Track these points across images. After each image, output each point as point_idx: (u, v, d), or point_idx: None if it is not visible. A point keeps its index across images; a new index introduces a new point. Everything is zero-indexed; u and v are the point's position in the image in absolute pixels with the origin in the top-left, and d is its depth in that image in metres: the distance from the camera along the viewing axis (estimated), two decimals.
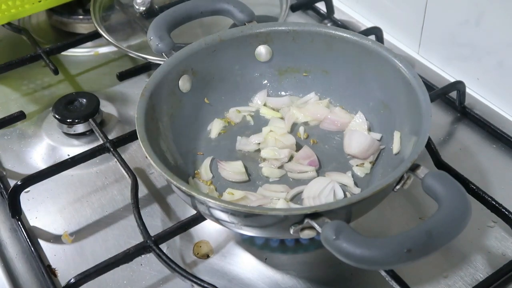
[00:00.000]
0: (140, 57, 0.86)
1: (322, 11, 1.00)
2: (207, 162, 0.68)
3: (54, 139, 0.80)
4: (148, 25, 0.73)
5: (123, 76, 0.85)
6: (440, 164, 0.70)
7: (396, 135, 0.66)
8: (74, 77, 0.92)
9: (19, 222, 0.67)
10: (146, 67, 0.86)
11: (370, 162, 0.67)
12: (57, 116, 0.79)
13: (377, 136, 0.69)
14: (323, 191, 0.63)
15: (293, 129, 0.73)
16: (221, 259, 0.64)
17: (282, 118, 0.73)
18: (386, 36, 0.91)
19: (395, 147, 0.65)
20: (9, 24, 0.95)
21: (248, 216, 0.53)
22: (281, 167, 0.67)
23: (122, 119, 0.83)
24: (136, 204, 0.65)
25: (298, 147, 0.69)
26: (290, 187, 0.65)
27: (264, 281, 0.61)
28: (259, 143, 0.70)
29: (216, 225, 0.63)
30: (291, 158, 0.68)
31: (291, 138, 0.69)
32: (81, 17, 1.00)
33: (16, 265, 0.65)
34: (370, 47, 0.68)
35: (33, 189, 0.71)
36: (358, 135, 0.68)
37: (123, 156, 0.72)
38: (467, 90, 0.80)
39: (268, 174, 0.67)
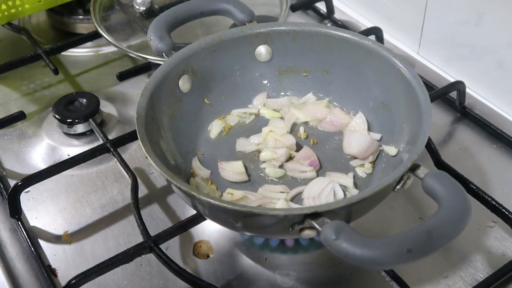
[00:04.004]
0: (140, 57, 0.86)
1: (322, 11, 1.00)
2: (195, 161, 0.68)
3: (54, 139, 0.80)
4: (148, 25, 0.73)
5: (123, 76, 0.85)
6: (440, 164, 0.70)
7: (388, 148, 0.66)
8: (74, 77, 0.92)
9: (19, 222, 0.67)
10: (146, 67, 0.86)
11: (370, 162, 0.67)
12: (57, 116, 0.79)
13: (377, 136, 0.69)
14: (323, 191, 0.63)
15: (293, 129, 0.73)
16: (221, 259, 0.64)
17: (282, 118, 0.73)
18: (386, 36, 0.91)
19: (393, 150, 0.65)
20: (9, 24, 0.95)
21: (248, 216, 0.53)
22: (281, 166, 0.67)
23: (122, 119, 0.83)
24: (136, 204, 0.65)
25: (298, 147, 0.69)
26: (290, 187, 0.65)
27: (264, 281, 0.61)
28: (258, 144, 0.70)
29: (216, 225, 0.63)
30: (291, 158, 0.68)
31: (291, 138, 0.69)
32: (81, 17, 1.00)
33: (16, 265, 0.65)
34: (370, 47, 0.68)
35: (33, 189, 0.71)
36: (357, 136, 0.68)
37: (123, 156, 0.72)
38: (467, 90, 0.80)
39: (272, 174, 0.67)
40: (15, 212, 0.68)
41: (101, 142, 0.74)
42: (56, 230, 0.68)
